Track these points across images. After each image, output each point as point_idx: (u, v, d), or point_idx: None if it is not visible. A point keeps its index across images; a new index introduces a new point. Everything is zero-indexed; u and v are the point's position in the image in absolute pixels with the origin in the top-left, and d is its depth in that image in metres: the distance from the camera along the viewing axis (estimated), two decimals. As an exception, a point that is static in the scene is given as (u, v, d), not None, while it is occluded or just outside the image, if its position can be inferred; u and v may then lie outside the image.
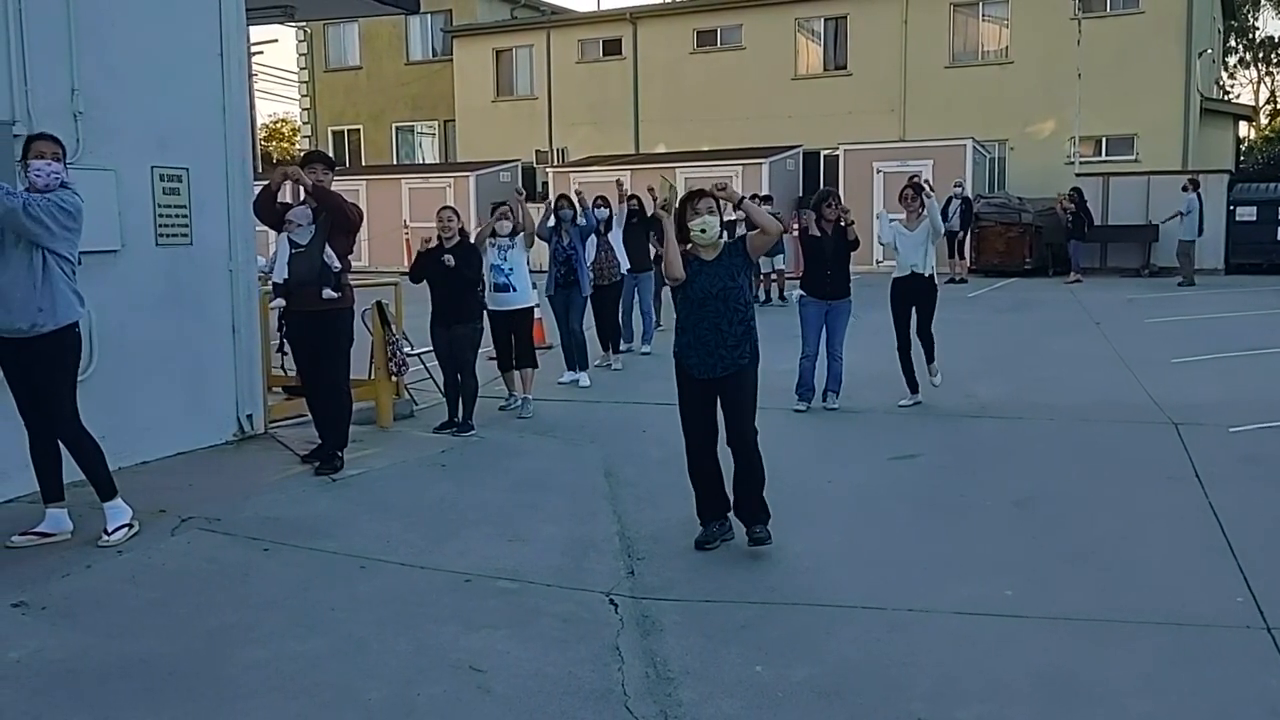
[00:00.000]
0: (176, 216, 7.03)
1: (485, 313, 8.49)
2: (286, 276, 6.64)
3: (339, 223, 6.68)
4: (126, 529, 5.31)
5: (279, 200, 6.78)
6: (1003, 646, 4.18)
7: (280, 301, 6.78)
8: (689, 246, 5.26)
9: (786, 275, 17.44)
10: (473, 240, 8.40)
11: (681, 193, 5.75)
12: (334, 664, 4.02)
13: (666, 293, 12.79)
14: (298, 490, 6.32)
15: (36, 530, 5.27)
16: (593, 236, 10.70)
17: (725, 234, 5.39)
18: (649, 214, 12.67)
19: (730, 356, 5.15)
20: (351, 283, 6.87)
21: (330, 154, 34.45)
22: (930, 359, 8.79)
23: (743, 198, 5.31)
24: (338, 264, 6.62)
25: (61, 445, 5.33)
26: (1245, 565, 4.91)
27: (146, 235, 6.85)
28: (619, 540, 5.50)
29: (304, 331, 6.77)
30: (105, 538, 5.23)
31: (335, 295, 6.60)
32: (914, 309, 8.68)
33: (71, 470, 5.39)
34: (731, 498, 5.33)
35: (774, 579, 4.93)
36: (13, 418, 5.35)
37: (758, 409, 5.30)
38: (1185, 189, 19.32)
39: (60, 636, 4.23)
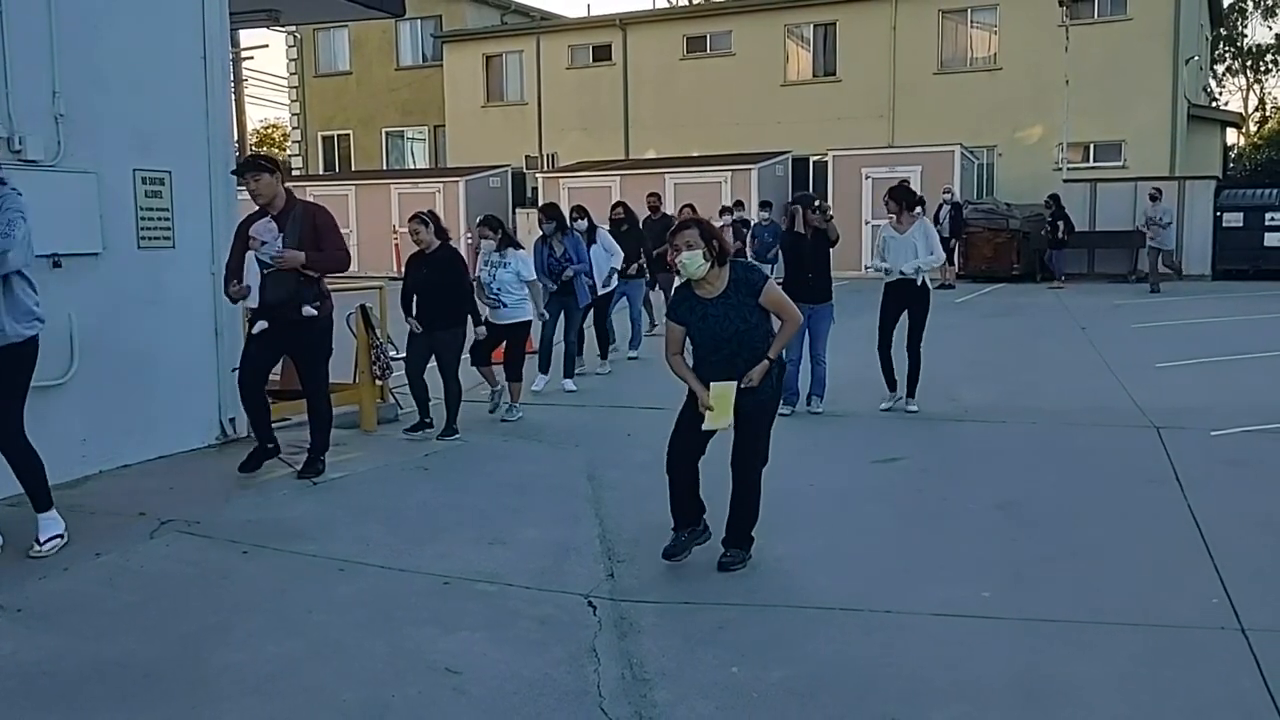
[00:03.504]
0: (159, 219, 7.03)
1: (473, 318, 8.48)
2: (264, 300, 6.33)
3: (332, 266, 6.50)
4: (59, 539, 5.18)
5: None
6: (979, 648, 4.18)
7: (263, 324, 6.40)
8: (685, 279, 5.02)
9: (777, 281, 17.48)
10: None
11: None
12: (310, 666, 4.01)
13: (657, 295, 12.82)
14: (279, 493, 6.32)
15: None
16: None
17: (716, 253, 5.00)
18: (639, 222, 12.66)
19: (749, 396, 4.94)
20: (329, 290, 6.68)
21: (329, 159, 34.21)
22: (911, 390, 8.67)
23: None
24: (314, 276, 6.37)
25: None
26: (1222, 567, 4.92)
27: (128, 238, 6.85)
28: (600, 543, 5.50)
29: (278, 338, 6.46)
30: (37, 547, 5.11)
31: (314, 313, 6.37)
32: (905, 314, 8.66)
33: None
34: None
35: (753, 581, 4.94)
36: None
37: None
38: (1154, 197, 19.30)
39: (36, 639, 4.22)
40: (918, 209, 8.88)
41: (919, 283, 8.58)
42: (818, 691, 3.81)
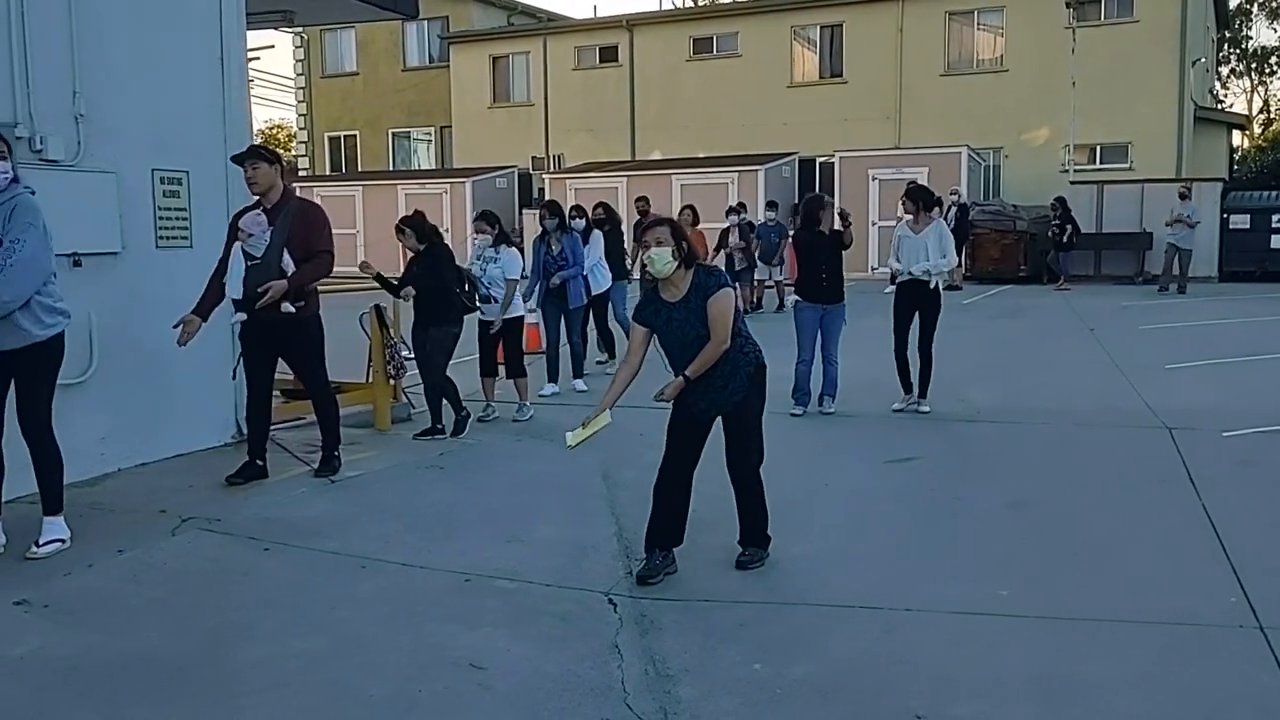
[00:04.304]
0: (177, 219, 7.08)
1: (476, 318, 8.47)
2: (243, 293, 6.27)
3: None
4: (59, 544, 5.16)
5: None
6: (998, 645, 4.21)
7: (241, 316, 6.37)
8: (651, 281, 4.99)
9: (784, 284, 17.51)
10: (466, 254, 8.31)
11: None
12: (336, 661, 4.04)
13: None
14: (296, 491, 6.36)
15: None
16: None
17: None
18: (620, 223, 12.55)
19: (720, 397, 4.91)
20: (318, 288, 6.59)
21: (335, 159, 34.18)
22: (923, 390, 8.71)
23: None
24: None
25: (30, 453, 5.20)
26: (1238, 566, 4.95)
27: (147, 238, 6.90)
28: (616, 541, 5.53)
29: (265, 338, 6.38)
30: (35, 549, 5.09)
31: (293, 310, 6.24)
32: (916, 315, 8.70)
33: (17, 486, 5.32)
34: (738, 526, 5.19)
35: (771, 579, 4.97)
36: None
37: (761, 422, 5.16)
38: (1183, 196, 19.33)
39: (63, 634, 4.26)
40: (934, 210, 8.90)
41: (930, 285, 8.60)
42: (840, 688, 3.84)
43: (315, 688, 3.84)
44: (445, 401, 8.03)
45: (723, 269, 7.56)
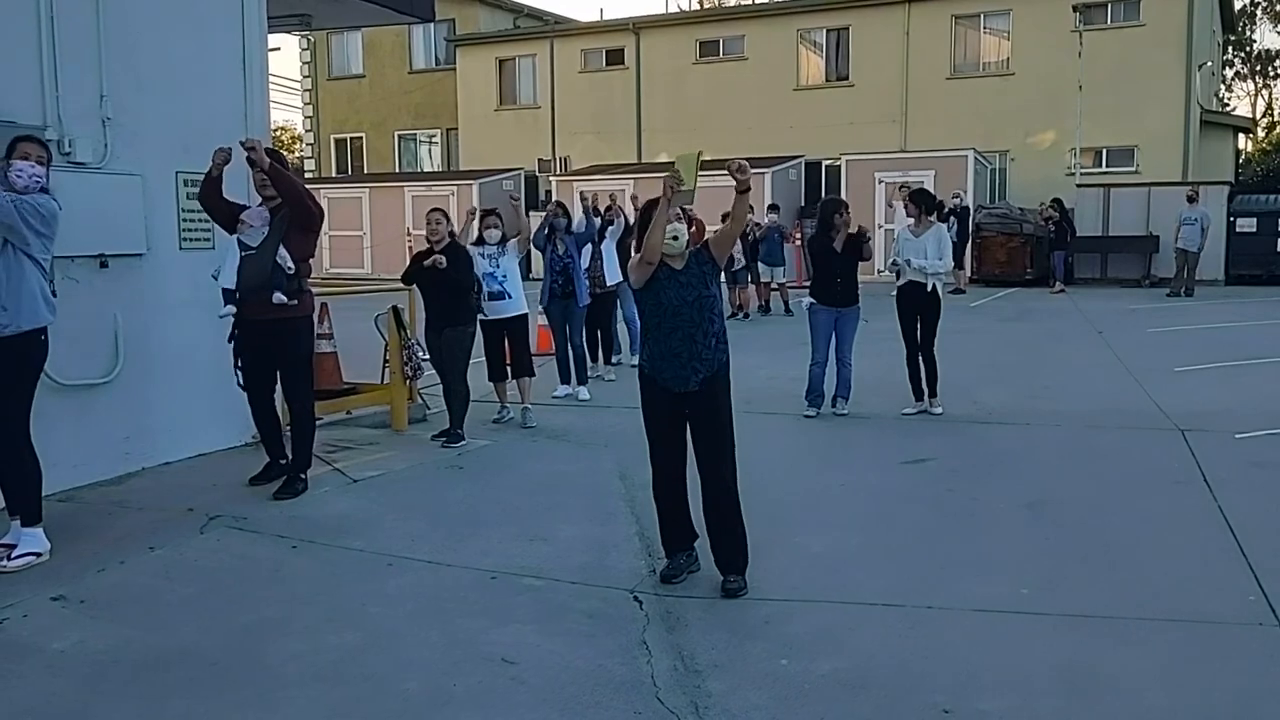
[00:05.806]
0: (199, 221, 7.12)
1: (479, 319, 8.48)
2: (235, 283, 6.14)
3: (298, 218, 6.13)
4: (33, 558, 4.98)
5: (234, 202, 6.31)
6: (1021, 642, 4.27)
7: (230, 309, 6.23)
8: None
9: (789, 285, 17.55)
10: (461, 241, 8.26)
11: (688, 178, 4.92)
12: (370, 656, 4.11)
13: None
14: (320, 490, 6.42)
15: None
16: (588, 245, 10.64)
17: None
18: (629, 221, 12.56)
19: (704, 368, 4.86)
20: (311, 288, 6.46)
21: (342, 162, 34.19)
22: (933, 390, 8.79)
23: (748, 188, 4.74)
24: (291, 266, 6.11)
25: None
26: (1256, 566, 5.01)
27: (170, 239, 6.98)
28: (638, 540, 5.58)
29: (256, 342, 6.23)
30: (5, 562, 4.92)
31: (285, 301, 6.06)
32: (918, 319, 8.77)
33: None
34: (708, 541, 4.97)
35: (794, 578, 5.03)
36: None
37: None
38: (1191, 199, 19.38)
39: (101, 629, 4.34)
40: (934, 215, 8.98)
41: (929, 288, 8.67)
42: (867, 683, 3.90)
43: (352, 681, 3.91)
44: (449, 407, 7.97)
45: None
